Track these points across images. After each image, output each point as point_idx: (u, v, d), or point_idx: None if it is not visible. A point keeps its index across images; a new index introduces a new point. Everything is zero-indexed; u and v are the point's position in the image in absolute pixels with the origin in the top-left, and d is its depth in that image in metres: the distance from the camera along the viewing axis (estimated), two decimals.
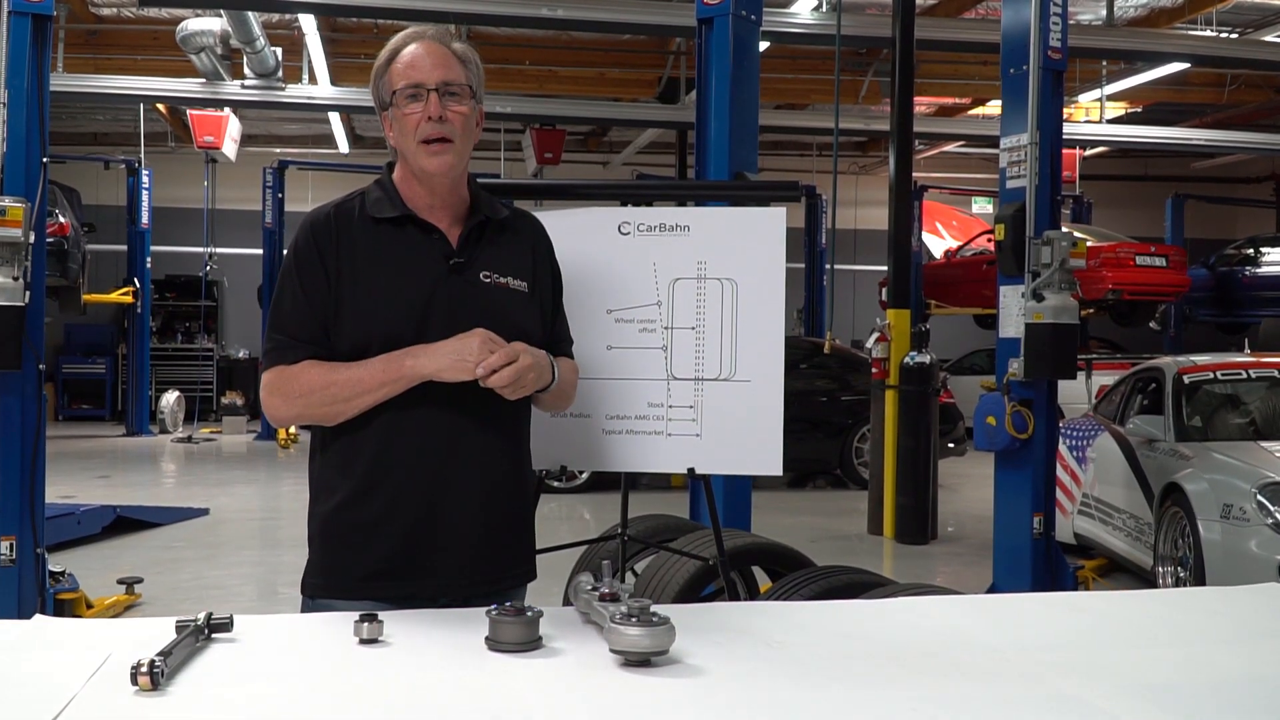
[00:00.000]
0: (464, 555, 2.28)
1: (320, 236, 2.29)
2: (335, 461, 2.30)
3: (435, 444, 2.26)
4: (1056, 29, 6.55)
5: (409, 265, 2.28)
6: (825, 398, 12.58)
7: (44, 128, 5.37)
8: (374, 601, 2.14)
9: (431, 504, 2.26)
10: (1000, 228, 6.60)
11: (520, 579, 2.42)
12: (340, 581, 2.27)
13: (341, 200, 2.37)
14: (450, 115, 2.26)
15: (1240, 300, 16.26)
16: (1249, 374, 7.79)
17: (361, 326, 2.24)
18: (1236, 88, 16.56)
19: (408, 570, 2.25)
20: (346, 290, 2.25)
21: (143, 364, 16.94)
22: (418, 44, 2.31)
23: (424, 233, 2.32)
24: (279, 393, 2.26)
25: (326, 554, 2.31)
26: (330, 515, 2.29)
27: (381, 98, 2.33)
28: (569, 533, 9.34)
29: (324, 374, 2.22)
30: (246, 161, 18.05)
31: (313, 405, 2.25)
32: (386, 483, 2.25)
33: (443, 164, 2.27)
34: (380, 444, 2.25)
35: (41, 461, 5.48)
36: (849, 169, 21.31)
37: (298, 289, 2.27)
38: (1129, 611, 2.29)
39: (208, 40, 12.80)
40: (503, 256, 2.37)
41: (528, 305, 2.37)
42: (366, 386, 2.20)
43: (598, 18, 11.40)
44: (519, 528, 2.41)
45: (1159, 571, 6.85)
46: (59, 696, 1.56)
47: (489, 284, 2.32)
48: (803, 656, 1.86)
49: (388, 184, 2.36)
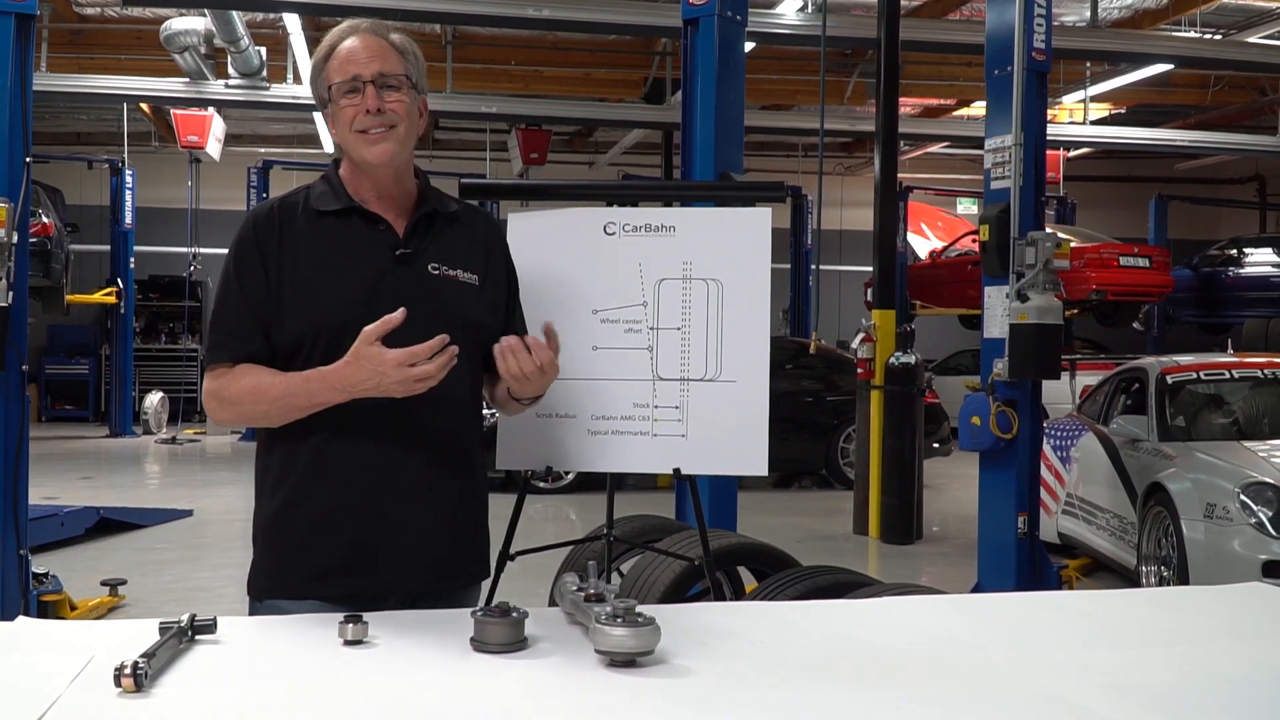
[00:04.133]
0: (410, 553, 2.25)
1: (261, 232, 2.25)
2: (279, 460, 2.26)
3: (380, 440, 2.21)
4: (1041, 30, 6.57)
5: (354, 256, 2.25)
6: (811, 398, 12.59)
7: (27, 127, 5.34)
8: (321, 601, 2.13)
9: (377, 501, 2.22)
10: (985, 228, 6.63)
11: (472, 577, 2.39)
12: (286, 582, 2.24)
13: (286, 195, 2.32)
14: (388, 106, 2.22)
15: (1223, 301, 16.34)
16: (1232, 374, 7.83)
17: (304, 319, 2.20)
18: (1220, 89, 16.64)
19: (354, 569, 2.22)
20: (288, 284, 2.21)
21: (126, 365, 16.87)
22: (354, 37, 2.26)
23: (369, 224, 2.28)
24: (216, 396, 2.23)
25: (271, 554, 2.28)
26: (275, 515, 2.26)
27: (320, 94, 2.30)
28: (555, 533, 9.34)
29: (254, 385, 2.18)
30: (231, 161, 17.99)
31: (244, 413, 2.25)
32: (331, 481, 2.22)
33: (383, 152, 2.23)
34: (324, 441, 2.21)
35: (25, 462, 5.45)
36: (834, 170, 21.33)
37: (235, 286, 2.23)
38: (1113, 611, 2.30)
39: (192, 40, 12.76)
40: (452, 249, 2.33)
41: (478, 298, 2.33)
42: (293, 407, 2.17)
43: (583, 18, 11.38)
44: (468, 524, 2.36)
45: (1142, 571, 6.88)
46: (42, 698, 1.56)
47: (437, 276, 2.28)
48: (788, 657, 1.86)
49: (333, 178, 2.32)
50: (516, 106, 15.55)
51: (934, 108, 18.19)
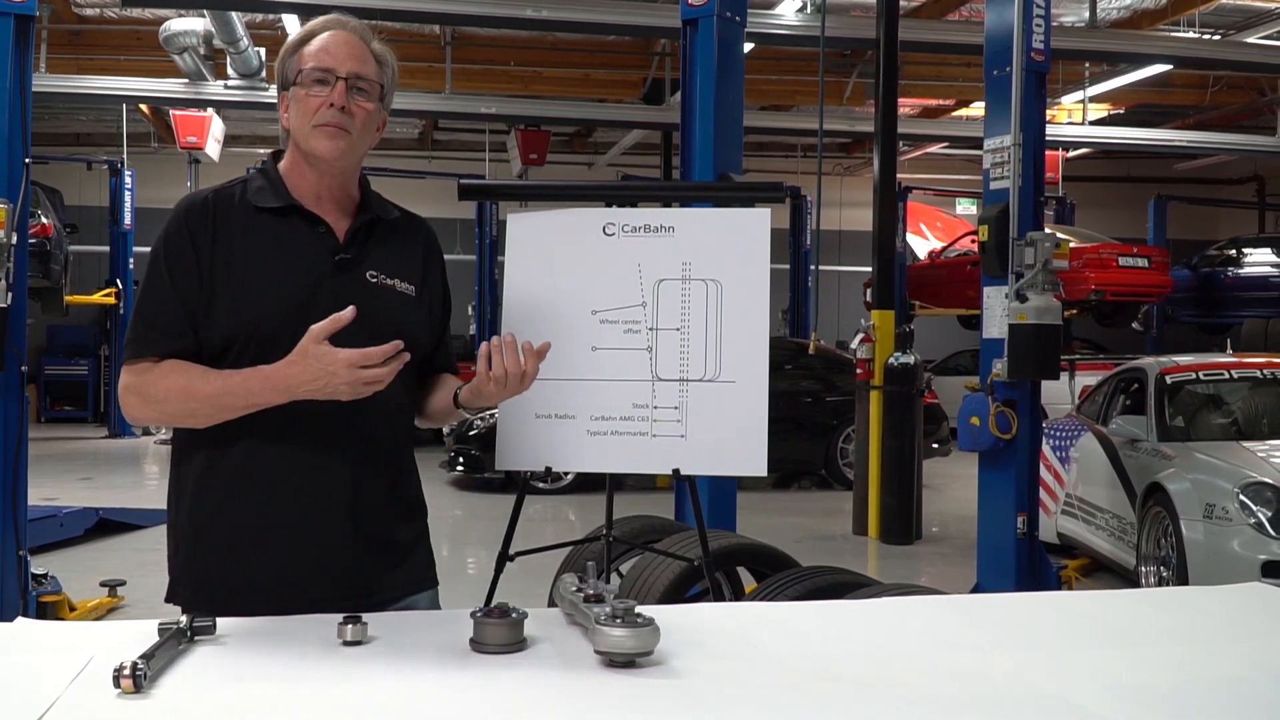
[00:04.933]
0: (336, 567, 2.15)
1: (194, 222, 2.13)
2: (201, 465, 2.15)
3: (309, 449, 2.12)
4: (1039, 31, 6.57)
5: (291, 258, 2.15)
6: (810, 398, 12.60)
7: (26, 128, 5.34)
8: (243, 617, 1.96)
9: (304, 514, 2.13)
10: (984, 229, 6.63)
11: (406, 589, 2.26)
12: (209, 593, 2.12)
13: (221, 186, 2.22)
14: (354, 109, 2.15)
15: (1222, 301, 16.35)
16: (1231, 374, 7.83)
17: (236, 319, 2.10)
18: (1219, 89, 16.65)
19: (279, 585, 2.12)
20: (221, 280, 2.10)
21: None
22: (338, 30, 2.19)
23: (309, 225, 2.18)
24: (137, 392, 2.10)
25: (194, 564, 2.18)
26: (197, 524, 2.16)
27: (286, 76, 2.20)
28: (554, 534, 9.34)
29: (184, 384, 2.06)
30: (230, 162, 17.97)
31: (169, 412, 2.11)
32: (254, 492, 2.12)
33: (335, 149, 2.14)
34: (249, 448, 2.11)
35: (24, 463, 5.45)
36: (833, 170, 21.35)
37: (164, 278, 2.12)
38: (1112, 611, 2.29)
39: (191, 40, 12.77)
40: (391, 257, 2.25)
41: (414, 309, 2.26)
42: (226, 407, 2.06)
43: (582, 19, 11.40)
44: (403, 534, 2.26)
45: (1142, 571, 6.88)
46: (41, 700, 1.55)
47: (375, 284, 2.19)
48: (787, 657, 1.86)
49: (272, 172, 2.22)
50: (515, 107, 15.56)
51: (933, 108, 18.21)
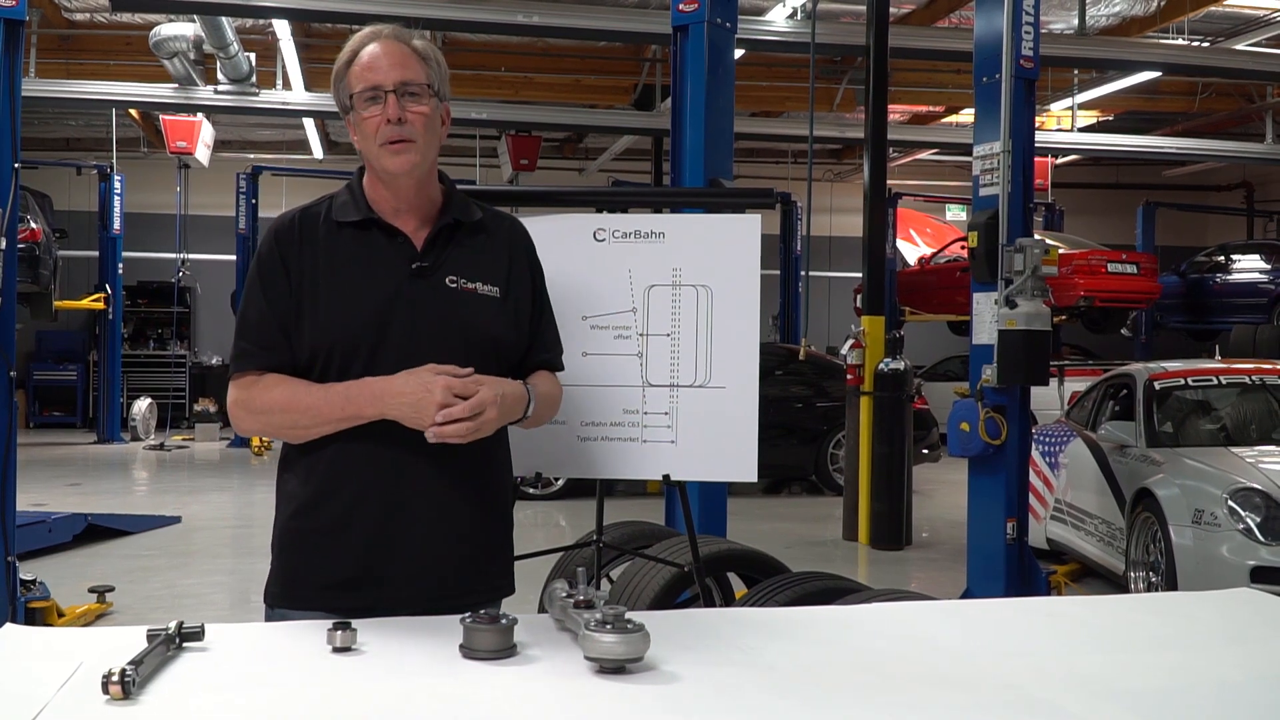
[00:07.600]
0: (423, 568, 2.21)
1: (284, 242, 2.24)
2: (297, 469, 2.25)
3: (394, 452, 2.18)
4: (1029, 38, 6.59)
5: (370, 270, 2.22)
6: (800, 404, 12.61)
7: (15, 133, 5.34)
8: (330, 613, 2.05)
9: (389, 514, 2.19)
10: (973, 235, 6.64)
11: (489, 594, 2.30)
12: (297, 591, 2.22)
13: (309, 205, 2.31)
14: (410, 116, 2.20)
15: (1211, 307, 16.41)
16: (1220, 380, 7.85)
17: (319, 334, 2.19)
18: (1207, 96, 16.70)
19: (363, 582, 2.19)
20: (306, 296, 2.20)
21: (114, 371, 16.84)
22: (376, 44, 2.24)
23: (388, 236, 2.25)
24: (243, 405, 2.22)
25: (284, 563, 2.26)
26: (287, 523, 2.25)
27: (343, 101, 2.28)
28: (544, 539, 9.31)
29: (288, 395, 2.17)
30: (220, 167, 17.96)
31: (273, 424, 2.22)
32: (342, 491, 2.19)
33: (405, 163, 2.21)
34: (338, 451, 2.19)
35: (12, 469, 5.44)
36: (824, 176, 21.36)
37: (261, 297, 2.22)
38: (1102, 616, 2.30)
39: (181, 45, 12.74)
40: (473, 260, 2.29)
41: (499, 312, 2.29)
42: (325, 418, 2.16)
43: (573, 25, 11.41)
44: (489, 540, 2.32)
45: (1131, 577, 6.89)
46: (30, 706, 1.55)
47: (455, 289, 2.24)
48: (777, 663, 1.86)
49: (356, 188, 2.30)
50: (506, 113, 15.56)
51: (923, 114, 18.24)
